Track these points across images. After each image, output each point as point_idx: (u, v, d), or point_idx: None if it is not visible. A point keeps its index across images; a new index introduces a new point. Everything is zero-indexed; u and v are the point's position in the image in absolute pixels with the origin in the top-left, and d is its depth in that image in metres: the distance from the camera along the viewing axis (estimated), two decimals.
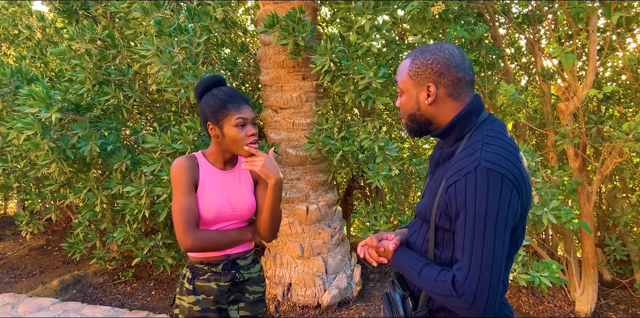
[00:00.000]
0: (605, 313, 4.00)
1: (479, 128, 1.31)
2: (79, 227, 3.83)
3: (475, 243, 1.15)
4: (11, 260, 5.16)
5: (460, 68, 1.31)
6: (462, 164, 1.22)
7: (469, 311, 1.15)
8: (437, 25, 3.51)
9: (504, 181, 1.17)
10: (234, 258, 1.88)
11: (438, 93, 1.32)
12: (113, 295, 4.28)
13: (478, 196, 1.16)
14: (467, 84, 1.33)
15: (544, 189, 3.03)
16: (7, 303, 3.82)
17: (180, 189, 1.72)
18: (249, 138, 1.75)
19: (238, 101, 1.75)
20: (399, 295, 1.41)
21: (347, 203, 5.06)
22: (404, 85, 1.38)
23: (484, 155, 1.20)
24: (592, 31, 3.32)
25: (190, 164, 1.76)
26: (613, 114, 4.62)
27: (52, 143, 3.04)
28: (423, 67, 1.32)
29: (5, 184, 3.70)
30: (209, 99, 1.76)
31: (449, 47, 1.32)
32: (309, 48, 3.47)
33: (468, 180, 1.18)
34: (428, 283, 1.25)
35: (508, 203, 1.17)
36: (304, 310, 3.77)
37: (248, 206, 1.86)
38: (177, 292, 1.87)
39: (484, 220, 1.15)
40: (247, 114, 1.74)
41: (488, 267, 1.13)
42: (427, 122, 1.38)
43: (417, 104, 1.36)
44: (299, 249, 3.78)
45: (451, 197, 1.21)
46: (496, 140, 1.25)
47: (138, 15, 3.34)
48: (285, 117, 3.77)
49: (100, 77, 3.45)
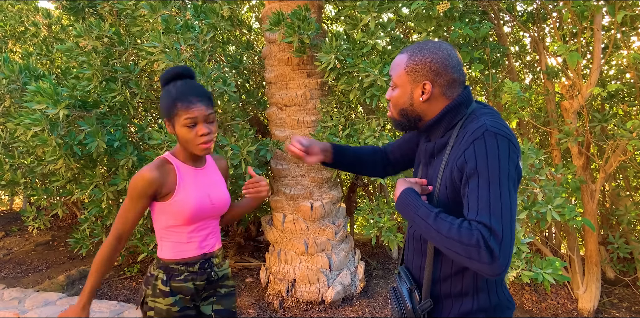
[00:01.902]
0: (608, 310, 4.01)
1: (470, 116, 1.34)
2: (85, 223, 3.86)
3: (493, 203, 1.15)
4: (17, 255, 5.21)
5: (456, 69, 1.33)
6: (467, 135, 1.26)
7: (491, 267, 1.11)
8: (442, 24, 3.52)
9: (510, 146, 1.21)
10: (209, 256, 1.87)
11: (433, 91, 1.34)
12: (119, 290, 4.31)
13: (490, 158, 1.18)
14: (460, 84, 1.36)
15: (547, 187, 3.04)
16: (14, 298, 3.86)
17: (131, 196, 1.68)
18: (200, 138, 1.65)
19: (188, 98, 1.62)
20: (406, 289, 1.42)
21: (350, 201, 5.09)
22: (398, 79, 1.39)
23: (489, 122, 1.24)
24: (596, 29, 3.33)
25: (155, 178, 1.67)
26: (617, 113, 4.61)
27: (59, 139, 3.07)
28: (421, 64, 1.33)
29: (12, 180, 3.72)
30: (164, 94, 1.68)
31: (448, 47, 1.34)
32: (314, 46, 3.49)
33: (477, 145, 1.21)
34: (447, 228, 1.18)
35: (515, 166, 1.21)
36: (308, 306, 3.79)
37: (224, 201, 1.87)
38: (149, 295, 1.80)
39: (498, 181, 1.17)
40: (196, 113, 1.62)
41: (508, 225, 1.14)
42: (418, 118, 1.40)
43: (411, 100, 1.38)
44: (303, 245, 3.80)
45: (462, 166, 1.23)
46: (493, 116, 1.30)
47: (145, 12, 3.37)
48: (290, 114, 3.79)
49: (106, 74, 3.47)
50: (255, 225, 5.48)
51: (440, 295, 1.39)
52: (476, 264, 1.12)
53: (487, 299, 1.36)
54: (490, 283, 1.38)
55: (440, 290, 1.38)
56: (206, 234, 1.85)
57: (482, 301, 1.36)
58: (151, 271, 1.85)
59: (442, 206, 1.32)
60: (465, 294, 1.36)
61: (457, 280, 1.36)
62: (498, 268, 1.10)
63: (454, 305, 1.37)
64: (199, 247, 1.83)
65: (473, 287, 1.36)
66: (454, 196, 1.29)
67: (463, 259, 1.15)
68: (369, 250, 5.28)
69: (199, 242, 1.82)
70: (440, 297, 1.39)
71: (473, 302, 1.36)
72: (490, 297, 1.37)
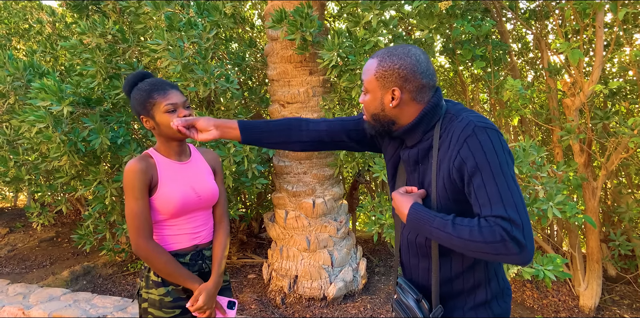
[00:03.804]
0: (609, 308, 4.02)
1: (447, 115, 1.36)
2: (89, 219, 3.89)
3: (504, 194, 1.17)
4: (22, 252, 5.25)
5: (424, 75, 1.33)
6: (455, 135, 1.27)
7: (521, 255, 1.13)
8: (444, 21, 3.53)
9: (500, 136, 1.25)
10: (201, 248, 1.90)
11: (402, 97, 1.35)
12: (122, 286, 4.35)
13: (487, 153, 1.21)
14: (429, 89, 1.36)
15: (549, 184, 3.04)
16: (18, 293, 3.89)
17: (132, 194, 1.71)
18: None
19: (164, 88, 1.73)
20: (412, 300, 1.40)
21: (352, 198, 5.10)
22: (369, 85, 1.39)
23: (473, 118, 1.27)
24: (598, 27, 3.33)
25: (143, 167, 1.72)
26: (619, 110, 4.61)
27: (63, 136, 3.09)
28: (390, 70, 1.33)
29: (17, 176, 3.75)
30: (135, 93, 1.75)
31: (416, 52, 1.34)
32: (316, 43, 3.50)
33: (471, 143, 1.23)
34: (468, 231, 1.18)
35: (509, 153, 1.24)
36: (310, 302, 3.81)
37: (212, 192, 1.89)
38: (143, 286, 1.85)
39: (501, 172, 1.19)
40: (175, 99, 1.72)
41: (524, 212, 1.16)
42: (390, 122, 1.41)
43: (382, 105, 1.38)
44: (305, 242, 3.82)
45: (461, 166, 1.24)
46: (470, 111, 1.33)
47: (148, 10, 3.38)
48: (292, 112, 3.80)
49: (110, 72, 3.49)
50: (257, 221, 5.51)
51: (453, 292, 1.40)
52: (507, 257, 1.14)
53: (497, 285, 1.42)
54: (498, 269, 1.44)
55: (453, 287, 1.40)
56: (197, 225, 1.88)
57: (494, 288, 1.41)
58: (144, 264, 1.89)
59: (444, 208, 1.33)
60: (478, 286, 1.40)
61: (469, 274, 1.39)
62: (528, 255, 1.13)
63: (467, 300, 1.40)
64: (190, 239, 1.86)
65: (485, 277, 1.40)
66: (454, 196, 1.30)
67: (493, 257, 1.16)
68: (370, 246, 5.30)
69: (189, 234, 1.86)
70: (453, 294, 1.40)
71: (486, 291, 1.40)
72: (499, 283, 1.43)
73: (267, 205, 5.16)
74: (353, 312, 3.74)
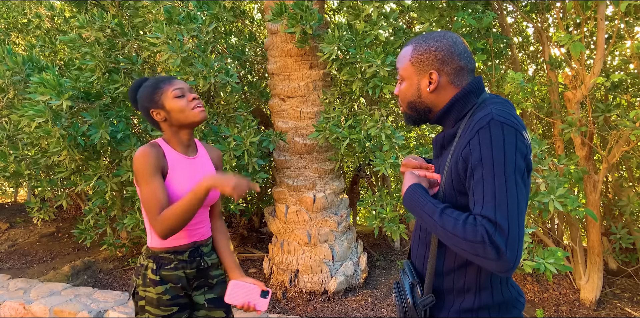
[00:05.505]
0: (610, 301, 4.03)
1: (481, 105, 1.29)
2: (89, 214, 3.88)
3: (498, 196, 1.11)
4: (22, 247, 5.25)
5: (462, 56, 1.30)
6: (473, 124, 1.21)
7: (498, 263, 1.08)
8: (444, 13, 3.51)
9: (518, 136, 1.16)
10: (199, 244, 1.89)
11: (440, 81, 1.31)
12: (123, 280, 4.35)
13: (495, 149, 1.14)
14: (468, 72, 1.33)
15: (550, 177, 3.04)
16: (19, 288, 3.90)
17: (146, 177, 1.67)
18: (192, 102, 1.76)
19: (168, 78, 1.78)
20: (408, 283, 1.39)
21: (353, 192, 5.10)
22: (405, 72, 1.36)
23: (495, 111, 1.19)
24: (600, 19, 3.31)
25: (155, 152, 1.72)
26: (620, 103, 4.60)
27: (62, 131, 3.08)
28: (426, 54, 1.31)
29: (17, 171, 3.74)
30: (141, 92, 1.78)
31: (452, 35, 1.32)
32: (316, 36, 3.48)
33: (482, 134, 1.16)
34: (452, 224, 1.15)
35: (524, 157, 1.16)
36: (311, 296, 3.82)
37: (214, 191, 1.87)
38: (140, 284, 1.82)
39: (504, 172, 1.12)
40: (181, 85, 1.77)
41: (515, 219, 1.10)
42: (427, 110, 1.38)
43: (418, 91, 1.35)
44: (306, 236, 3.82)
45: (467, 157, 1.19)
46: (503, 105, 1.25)
47: (147, 3, 3.36)
48: (292, 106, 3.79)
49: (109, 66, 3.48)
50: (258, 216, 5.51)
51: (443, 289, 1.35)
52: (483, 261, 1.10)
53: (489, 297, 1.32)
54: (495, 280, 1.32)
55: (443, 284, 1.35)
56: (196, 222, 1.87)
57: (485, 299, 1.31)
58: (141, 261, 1.87)
59: (448, 198, 1.29)
60: (467, 290, 1.32)
61: (459, 274, 1.33)
62: (506, 265, 1.08)
63: (455, 301, 1.34)
64: (188, 236, 1.85)
65: (476, 283, 1.31)
66: (459, 187, 1.26)
67: (471, 256, 1.12)
68: (371, 241, 5.30)
69: (188, 230, 1.85)
70: (443, 291, 1.35)
71: (474, 299, 1.31)
72: (494, 295, 1.32)
73: (268, 200, 5.15)
74: (354, 306, 3.75)
